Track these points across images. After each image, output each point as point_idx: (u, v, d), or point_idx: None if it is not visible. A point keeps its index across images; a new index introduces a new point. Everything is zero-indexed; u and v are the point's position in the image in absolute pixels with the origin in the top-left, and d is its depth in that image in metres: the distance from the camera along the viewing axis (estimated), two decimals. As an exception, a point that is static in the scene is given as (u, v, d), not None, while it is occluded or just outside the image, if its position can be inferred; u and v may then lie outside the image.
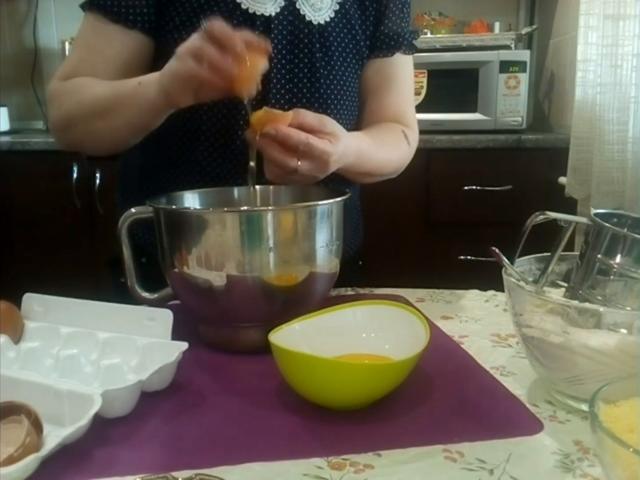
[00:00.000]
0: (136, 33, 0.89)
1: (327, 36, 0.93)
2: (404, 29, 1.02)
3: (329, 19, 0.94)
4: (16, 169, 2.30)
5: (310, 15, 0.92)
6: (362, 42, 0.98)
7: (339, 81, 0.95)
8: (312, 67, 0.92)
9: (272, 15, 0.90)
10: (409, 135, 1.02)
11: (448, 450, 0.53)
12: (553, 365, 0.59)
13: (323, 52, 0.93)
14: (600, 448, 0.41)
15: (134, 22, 0.88)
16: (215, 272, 0.68)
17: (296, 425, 0.57)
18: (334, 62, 0.94)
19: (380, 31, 1.00)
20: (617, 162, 1.75)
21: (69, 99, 0.89)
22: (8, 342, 0.67)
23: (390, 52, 1.01)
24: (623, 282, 0.63)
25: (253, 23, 0.89)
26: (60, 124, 0.91)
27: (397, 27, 1.01)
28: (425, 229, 2.25)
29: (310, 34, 0.92)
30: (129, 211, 0.75)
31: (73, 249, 2.35)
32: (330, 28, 0.94)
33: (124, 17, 0.88)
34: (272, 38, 0.90)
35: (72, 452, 0.51)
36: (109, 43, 0.90)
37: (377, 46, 1.00)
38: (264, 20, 0.90)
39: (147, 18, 0.89)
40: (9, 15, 2.82)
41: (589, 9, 1.78)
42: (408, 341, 0.63)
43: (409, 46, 1.03)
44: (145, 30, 0.89)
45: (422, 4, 2.58)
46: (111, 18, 0.88)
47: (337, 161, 0.79)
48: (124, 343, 0.67)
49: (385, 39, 1.00)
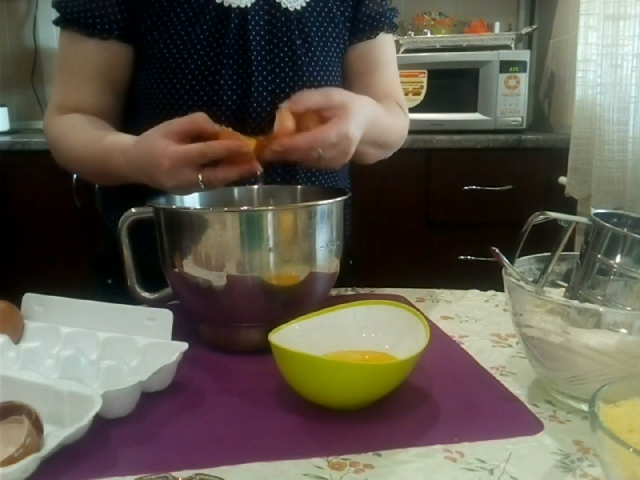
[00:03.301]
0: (112, 43, 0.90)
1: (305, 22, 0.93)
2: (384, 7, 1.01)
3: (305, 4, 0.93)
4: (16, 169, 2.30)
5: (286, 2, 0.92)
6: (342, 25, 0.97)
7: (321, 67, 0.94)
8: (292, 54, 0.92)
9: (248, 6, 0.90)
10: (403, 107, 1.02)
11: (448, 450, 0.53)
12: (553, 365, 0.59)
13: (302, 38, 0.92)
14: (600, 448, 0.41)
15: (109, 32, 0.89)
16: (215, 272, 0.68)
17: (296, 425, 0.57)
18: (314, 48, 0.93)
19: (362, 12, 0.99)
20: (617, 162, 1.74)
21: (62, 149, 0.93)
22: (8, 342, 0.67)
23: (373, 33, 1.01)
24: (623, 282, 0.63)
25: (227, 16, 0.88)
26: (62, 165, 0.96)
27: (377, 6, 1.00)
28: (425, 229, 2.25)
29: (288, 21, 0.92)
30: (129, 211, 0.75)
31: (73, 249, 2.35)
32: (307, 13, 0.93)
33: (99, 29, 0.88)
34: (250, 30, 0.89)
35: (72, 452, 0.51)
36: (87, 61, 0.91)
37: (360, 28, 1.00)
38: (239, 12, 0.89)
39: (122, 24, 0.89)
40: (9, 15, 2.82)
41: (589, 9, 1.77)
42: (408, 341, 0.63)
43: (390, 25, 1.03)
44: (121, 37, 0.90)
45: (422, 4, 2.58)
46: (86, 33, 0.89)
47: (357, 128, 0.75)
48: (124, 343, 0.67)
49: (367, 20, 0.99)
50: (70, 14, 0.90)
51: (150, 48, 0.89)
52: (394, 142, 1.00)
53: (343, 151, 0.75)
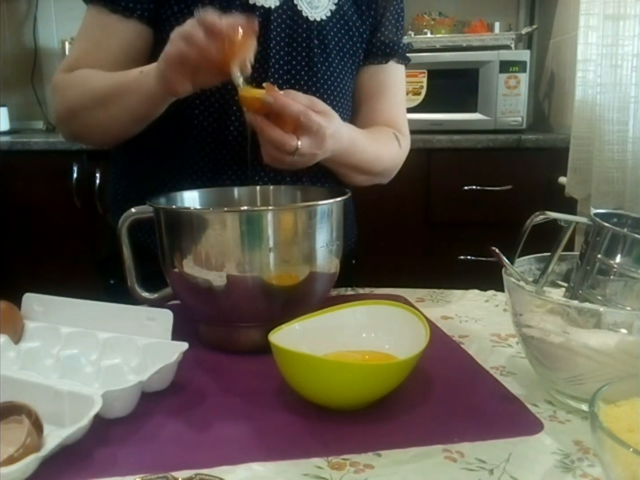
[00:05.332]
0: (134, 22, 0.90)
1: (325, 34, 0.94)
2: (399, 38, 1.04)
3: (325, 18, 0.95)
4: (16, 169, 2.30)
5: (307, 12, 0.94)
6: (359, 44, 1.00)
7: (336, 78, 0.96)
8: (309, 61, 0.93)
9: (272, 7, 0.91)
10: (401, 139, 1.03)
11: (448, 450, 0.53)
12: (553, 365, 0.59)
13: (321, 48, 0.94)
14: (600, 448, 0.41)
15: (131, 11, 0.89)
16: (215, 272, 0.68)
17: (296, 425, 0.57)
18: (331, 59, 0.95)
19: (377, 38, 1.01)
20: (617, 162, 1.75)
21: (72, 90, 0.90)
22: (8, 342, 0.67)
23: (384, 59, 1.03)
24: (623, 282, 0.63)
25: (252, 14, 0.89)
26: (64, 114, 0.93)
27: (392, 35, 1.03)
28: (425, 229, 2.25)
29: (309, 29, 0.93)
30: (129, 211, 0.75)
31: (73, 249, 2.35)
32: (328, 26, 0.95)
33: (123, 6, 0.89)
34: (271, 30, 0.91)
35: (72, 452, 0.51)
36: (109, 34, 0.91)
37: (373, 52, 1.02)
38: (263, 12, 0.91)
39: (146, 6, 0.90)
40: (9, 15, 2.82)
41: (589, 9, 1.77)
42: (408, 341, 0.63)
43: (402, 56, 1.06)
44: (144, 18, 0.90)
45: (422, 4, 2.58)
46: (110, 8, 0.90)
47: (332, 136, 0.78)
48: (124, 343, 0.67)
49: (381, 46, 1.02)
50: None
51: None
52: (378, 172, 1.01)
53: (317, 144, 0.77)
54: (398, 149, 1.02)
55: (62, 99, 0.92)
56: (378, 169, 1.00)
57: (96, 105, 0.87)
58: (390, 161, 1.02)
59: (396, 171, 1.05)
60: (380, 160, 0.99)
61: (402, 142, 1.03)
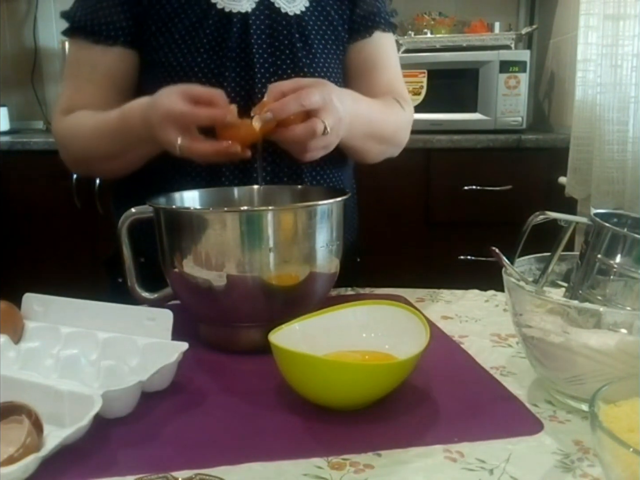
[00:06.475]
0: (118, 48, 0.92)
1: (304, 25, 0.95)
2: (379, 8, 1.03)
3: (304, 9, 0.96)
4: (16, 169, 2.30)
5: (285, 7, 0.94)
6: (340, 27, 1.00)
7: (322, 68, 0.96)
8: (294, 57, 0.94)
9: (249, 11, 0.92)
10: (402, 102, 1.02)
11: (448, 450, 0.53)
12: (553, 365, 0.59)
13: (303, 41, 0.94)
14: (600, 448, 0.41)
15: (114, 39, 0.91)
16: (215, 272, 0.68)
17: (296, 425, 0.57)
18: (314, 50, 0.95)
19: (356, 14, 1.01)
20: (617, 162, 1.74)
21: (74, 142, 0.94)
22: (8, 342, 0.67)
23: (368, 32, 1.02)
24: (623, 282, 0.63)
25: (229, 21, 0.91)
26: (73, 165, 0.98)
27: (372, 7, 1.02)
28: (425, 228, 2.25)
29: (289, 25, 0.94)
30: (129, 211, 0.75)
31: (73, 249, 2.35)
32: (306, 17, 0.95)
33: (105, 35, 0.91)
34: (252, 34, 0.91)
35: (72, 452, 0.51)
36: (96, 67, 0.93)
37: (355, 28, 1.02)
38: (240, 17, 0.91)
39: (128, 31, 0.91)
40: (9, 15, 2.82)
41: (589, 9, 1.77)
42: (408, 341, 0.63)
43: (387, 24, 1.04)
44: (127, 44, 0.92)
45: (422, 4, 2.58)
46: (92, 40, 0.91)
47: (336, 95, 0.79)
48: (124, 343, 0.67)
49: (362, 21, 1.02)
50: (77, 23, 0.93)
51: (156, 53, 0.91)
52: (390, 134, 1.00)
53: (333, 114, 0.77)
54: (401, 111, 1.01)
55: (66, 151, 0.97)
56: (388, 133, 0.99)
57: (104, 159, 0.92)
58: (398, 123, 1.01)
59: (406, 139, 1.04)
60: (387, 123, 0.98)
61: (404, 105, 1.02)
